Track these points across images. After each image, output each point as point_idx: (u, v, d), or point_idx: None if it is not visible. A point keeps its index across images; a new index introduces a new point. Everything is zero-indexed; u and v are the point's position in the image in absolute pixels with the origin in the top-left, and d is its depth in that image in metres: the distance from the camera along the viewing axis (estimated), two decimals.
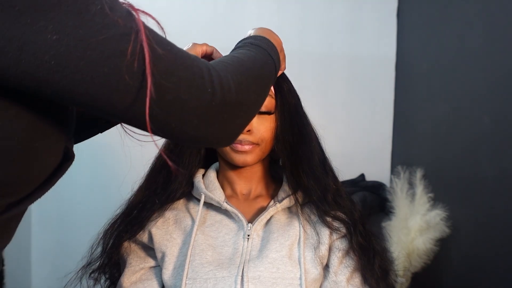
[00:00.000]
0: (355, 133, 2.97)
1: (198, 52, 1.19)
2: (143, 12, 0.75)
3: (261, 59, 0.90)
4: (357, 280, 1.21)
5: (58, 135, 0.73)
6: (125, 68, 0.66)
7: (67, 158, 0.77)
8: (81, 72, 0.63)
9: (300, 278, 1.13)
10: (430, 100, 2.57)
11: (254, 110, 0.86)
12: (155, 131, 0.72)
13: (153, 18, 0.77)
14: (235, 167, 1.22)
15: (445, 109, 2.38)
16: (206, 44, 1.20)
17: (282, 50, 1.11)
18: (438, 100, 2.47)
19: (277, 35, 1.10)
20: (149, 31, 0.71)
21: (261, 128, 1.17)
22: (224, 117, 0.76)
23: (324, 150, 1.26)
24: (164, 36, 0.76)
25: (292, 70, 1.26)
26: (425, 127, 2.61)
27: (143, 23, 0.70)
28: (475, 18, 2.13)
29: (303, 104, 1.26)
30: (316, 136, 1.25)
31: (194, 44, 1.19)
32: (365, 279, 1.21)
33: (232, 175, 1.24)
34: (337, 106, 2.94)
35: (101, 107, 0.68)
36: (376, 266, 1.21)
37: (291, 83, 1.25)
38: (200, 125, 0.74)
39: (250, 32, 1.08)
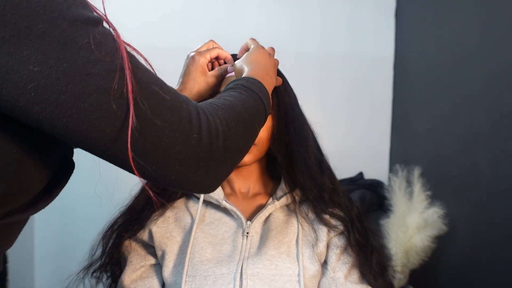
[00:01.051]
0: (353, 132, 2.97)
1: (203, 62, 1.17)
2: (132, 48, 0.72)
3: (252, 105, 0.86)
4: (355, 277, 1.21)
5: (53, 147, 0.71)
6: (107, 106, 0.63)
7: (67, 168, 0.76)
8: (61, 106, 0.61)
9: (299, 275, 1.13)
10: (428, 99, 2.57)
11: (241, 156, 0.83)
12: (137, 172, 0.69)
13: (141, 55, 0.74)
14: None
15: (442, 108, 2.38)
16: (214, 50, 1.19)
17: (274, 68, 1.08)
18: (435, 99, 2.47)
19: (270, 59, 1.08)
20: (137, 69, 0.68)
21: None
22: (209, 163, 0.73)
23: (322, 149, 1.26)
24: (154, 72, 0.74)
25: (291, 69, 1.27)
26: (423, 126, 2.61)
27: (130, 60, 0.67)
28: (472, 19, 2.13)
29: (301, 103, 1.26)
30: (313, 135, 1.25)
31: (196, 55, 1.17)
32: (363, 275, 1.21)
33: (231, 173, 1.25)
34: (335, 105, 2.94)
35: (81, 143, 0.66)
36: (374, 262, 1.21)
37: (287, 82, 1.25)
38: (183, 171, 0.71)
39: (248, 43, 1.08)
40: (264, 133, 1.18)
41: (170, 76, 1.28)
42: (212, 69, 1.20)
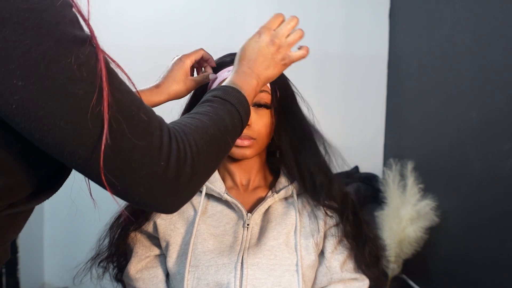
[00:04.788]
0: (349, 127, 2.97)
1: (188, 65, 1.14)
2: (116, 64, 0.71)
3: (227, 121, 0.83)
4: (350, 266, 1.21)
5: (30, 168, 0.70)
6: (83, 126, 0.63)
7: (47, 187, 0.75)
8: (39, 121, 0.61)
9: (297, 265, 1.13)
10: (420, 96, 2.57)
11: (207, 178, 0.82)
12: (108, 188, 0.69)
13: (122, 70, 0.73)
14: (235, 159, 1.22)
15: (435, 104, 2.38)
16: (199, 52, 1.16)
17: (272, 58, 1.01)
18: (428, 96, 2.47)
19: (264, 48, 1.00)
20: (117, 91, 0.67)
21: (260, 122, 1.16)
22: (173, 189, 0.72)
23: (319, 144, 1.25)
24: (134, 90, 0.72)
25: (289, 68, 1.26)
26: (416, 122, 2.61)
27: (111, 81, 0.66)
28: (463, 20, 2.13)
29: (298, 100, 1.26)
30: (310, 130, 1.24)
31: (183, 57, 1.15)
32: (358, 265, 1.21)
33: (232, 167, 1.24)
34: (332, 102, 2.95)
35: (56, 156, 0.66)
36: (368, 252, 1.21)
37: (287, 78, 1.24)
38: (147, 194, 0.70)
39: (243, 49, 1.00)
40: (264, 128, 1.17)
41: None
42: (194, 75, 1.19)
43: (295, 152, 1.20)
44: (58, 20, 0.61)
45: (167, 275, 1.22)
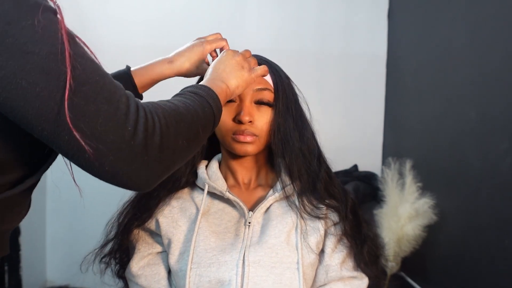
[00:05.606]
0: (348, 126, 2.97)
1: (207, 51, 1.16)
2: (80, 40, 0.71)
3: (197, 108, 0.83)
4: (350, 264, 1.21)
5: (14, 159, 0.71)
6: (44, 86, 0.63)
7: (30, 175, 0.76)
8: (3, 81, 0.61)
9: (298, 263, 1.13)
10: (419, 96, 2.57)
11: (183, 156, 0.80)
12: (73, 161, 0.68)
13: (88, 48, 0.73)
14: (237, 157, 1.22)
15: (433, 104, 2.38)
16: (221, 43, 1.20)
17: (236, 69, 1.04)
18: (426, 95, 2.47)
19: (231, 61, 1.04)
20: (80, 57, 0.67)
21: (262, 119, 1.17)
22: (144, 159, 0.70)
23: (319, 143, 1.25)
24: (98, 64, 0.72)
25: (289, 67, 1.26)
26: (414, 121, 2.61)
27: (74, 48, 0.66)
28: (461, 20, 2.12)
29: (300, 99, 1.26)
30: (312, 130, 1.24)
31: (205, 43, 1.17)
32: (357, 263, 1.21)
33: (234, 164, 1.24)
34: (331, 101, 2.95)
35: (20, 121, 0.65)
36: (367, 251, 1.22)
37: (290, 78, 1.25)
38: (116, 163, 0.68)
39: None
40: (266, 125, 1.17)
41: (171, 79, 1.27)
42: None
43: (296, 151, 1.20)
44: None
45: (169, 272, 1.22)
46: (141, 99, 1.19)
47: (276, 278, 1.11)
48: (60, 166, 0.83)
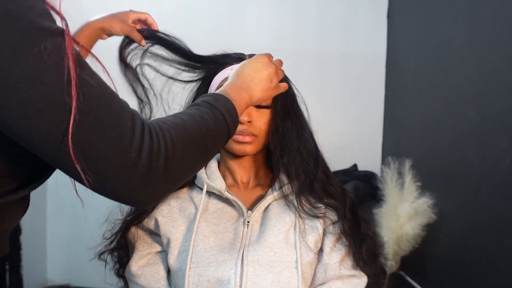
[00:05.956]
0: (348, 126, 2.97)
1: (131, 18, 1.24)
2: (93, 56, 0.71)
3: (211, 122, 0.82)
4: (349, 263, 1.21)
5: (15, 166, 0.71)
6: (50, 115, 0.62)
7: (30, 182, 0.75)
8: (7, 110, 0.61)
9: (296, 261, 1.13)
10: (418, 96, 2.56)
11: (184, 177, 0.80)
12: (78, 181, 0.68)
13: (98, 60, 0.73)
14: (235, 156, 1.22)
15: (432, 103, 2.38)
16: (139, 13, 1.26)
17: (267, 81, 1.02)
18: (425, 95, 2.46)
19: (262, 71, 1.02)
20: (86, 81, 0.66)
21: (260, 120, 1.17)
22: (147, 182, 0.70)
23: (317, 143, 1.25)
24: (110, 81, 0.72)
25: (289, 67, 1.26)
26: (414, 121, 2.61)
27: (80, 73, 0.65)
28: (460, 20, 2.12)
29: (299, 100, 1.26)
30: (310, 130, 1.24)
31: (129, 12, 1.26)
32: (356, 262, 1.21)
33: (233, 164, 1.24)
34: (331, 101, 2.95)
35: (27, 146, 0.66)
36: (366, 250, 1.21)
37: (288, 79, 1.24)
38: (119, 186, 0.69)
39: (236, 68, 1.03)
40: (265, 125, 1.17)
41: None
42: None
43: (294, 151, 1.20)
44: (24, 11, 0.61)
45: (168, 271, 1.22)
46: None
47: (275, 277, 1.11)
48: None
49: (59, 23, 0.67)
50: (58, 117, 0.63)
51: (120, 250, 1.27)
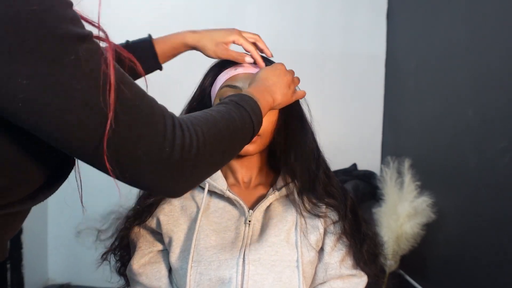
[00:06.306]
0: (348, 126, 2.97)
1: (233, 38, 1.18)
2: (126, 53, 0.73)
3: (237, 123, 0.85)
4: (349, 263, 1.21)
5: (43, 159, 0.71)
6: (88, 120, 0.64)
7: (68, 164, 0.76)
8: (45, 117, 0.62)
9: (297, 261, 1.13)
10: (417, 95, 2.57)
11: (213, 170, 0.84)
12: (113, 176, 0.70)
13: (136, 63, 0.74)
14: (237, 156, 1.22)
15: (431, 103, 2.38)
16: (247, 34, 1.21)
17: (286, 87, 1.07)
18: (425, 95, 2.47)
19: (283, 77, 1.07)
20: (122, 83, 0.67)
21: (265, 119, 1.16)
22: (178, 174, 0.74)
23: (318, 144, 1.25)
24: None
25: (289, 67, 1.26)
26: (413, 120, 2.61)
27: (115, 75, 0.66)
28: (459, 20, 2.12)
29: (301, 100, 1.26)
30: (311, 130, 1.24)
31: (234, 31, 1.19)
32: (357, 261, 1.21)
33: (234, 163, 1.24)
34: (331, 101, 2.95)
35: (64, 149, 0.67)
36: (366, 249, 1.22)
37: None
38: (152, 179, 0.72)
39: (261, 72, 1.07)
40: (269, 125, 1.17)
41: (173, 74, 1.27)
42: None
43: (295, 151, 1.20)
44: (59, 19, 0.62)
45: (169, 270, 1.22)
46: (161, 69, 1.23)
47: (276, 276, 1.11)
48: None
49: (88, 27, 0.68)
50: (95, 122, 0.64)
51: (122, 249, 1.27)
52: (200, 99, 1.23)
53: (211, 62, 1.26)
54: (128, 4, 2.82)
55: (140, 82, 0.77)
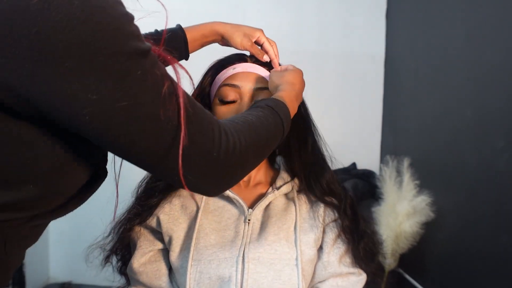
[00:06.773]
0: (347, 125, 2.97)
1: (256, 37, 1.22)
2: (180, 66, 0.75)
3: (273, 129, 0.90)
4: (348, 261, 1.21)
5: (90, 154, 0.73)
6: (155, 131, 0.66)
7: (99, 176, 0.77)
8: (112, 130, 0.64)
9: (296, 259, 1.14)
10: (416, 95, 2.57)
11: (248, 171, 0.88)
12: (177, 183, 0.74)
13: (185, 70, 0.77)
14: None
15: (430, 103, 2.38)
16: (267, 39, 1.24)
17: (302, 92, 1.12)
18: (424, 94, 2.47)
19: (302, 83, 1.11)
20: (187, 97, 0.71)
21: None
22: (220, 175, 0.78)
23: (319, 142, 1.25)
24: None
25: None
26: (412, 120, 2.61)
27: (184, 94, 0.70)
28: (458, 20, 2.12)
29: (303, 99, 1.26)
30: (313, 128, 1.24)
31: (258, 30, 1.23)
32: (355, 259, 1.21)
33: None
34: (331, 100, 2.95)
35: (129, 159, 0.70)
36: (365, 247, 1.22)
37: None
38: (202, 181, 0.76)
39: (285, 69, 1.11)
40: None
41: (173, 74, 1.26)
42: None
43: (295, 149, 1.20)
44: (127, 37, 0.64)
45: (170, 269, 1.22)
46: (187, 59, 1.26)
47: (276, 274, 1.11)
48: None
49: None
50: (161, 133, 0.67)
51: (123, 249, 1.27)
52: (200, 98, 1.23)
53: (210, 62, 1.26)
54: (128, 4, 2.82)
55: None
